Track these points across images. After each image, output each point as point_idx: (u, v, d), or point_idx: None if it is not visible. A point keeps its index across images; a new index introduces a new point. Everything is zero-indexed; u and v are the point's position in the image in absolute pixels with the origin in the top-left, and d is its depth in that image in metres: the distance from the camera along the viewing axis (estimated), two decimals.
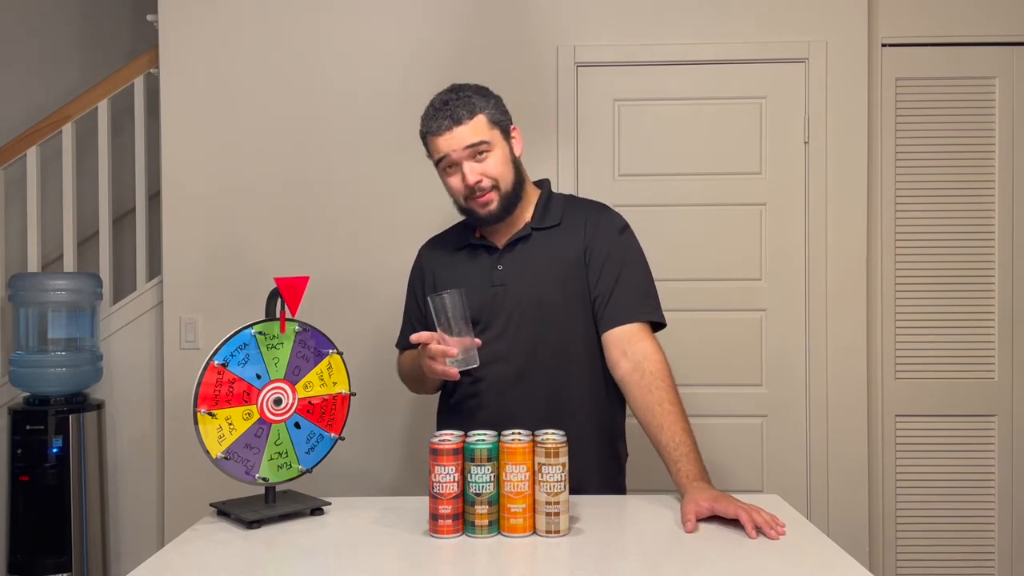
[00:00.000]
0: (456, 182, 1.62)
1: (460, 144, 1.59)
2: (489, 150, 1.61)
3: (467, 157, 1.60)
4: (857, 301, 2.58)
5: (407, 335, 1.77)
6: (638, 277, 1.68)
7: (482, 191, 1.60)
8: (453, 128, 1.59)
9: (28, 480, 2.49)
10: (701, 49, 2.59)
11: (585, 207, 1.77)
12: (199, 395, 1.39)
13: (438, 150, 1.62)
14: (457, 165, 1.61)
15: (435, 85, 1.75)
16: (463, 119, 1.60)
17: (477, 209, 1.63)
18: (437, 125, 1.61)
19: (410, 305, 1.81)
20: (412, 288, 1.81)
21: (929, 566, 2.60)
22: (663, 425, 1.55)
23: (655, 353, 1.61)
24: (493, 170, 1.61)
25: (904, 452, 2.61)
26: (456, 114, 1.60)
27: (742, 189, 2.59)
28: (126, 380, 2.71)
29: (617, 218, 1.73)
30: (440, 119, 1.61)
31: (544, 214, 1.69)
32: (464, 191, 1.61)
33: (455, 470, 1.33)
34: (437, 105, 1.64)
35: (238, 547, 1.32)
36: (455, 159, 1.60)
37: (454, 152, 1.60)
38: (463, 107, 1.61)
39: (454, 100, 1.62)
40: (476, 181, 1.59)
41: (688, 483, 1.47)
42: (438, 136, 1.61)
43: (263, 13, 2.62)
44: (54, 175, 2.84)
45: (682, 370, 2.57)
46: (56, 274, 2.65)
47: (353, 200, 2.61)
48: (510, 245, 1.67)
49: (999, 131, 2.60)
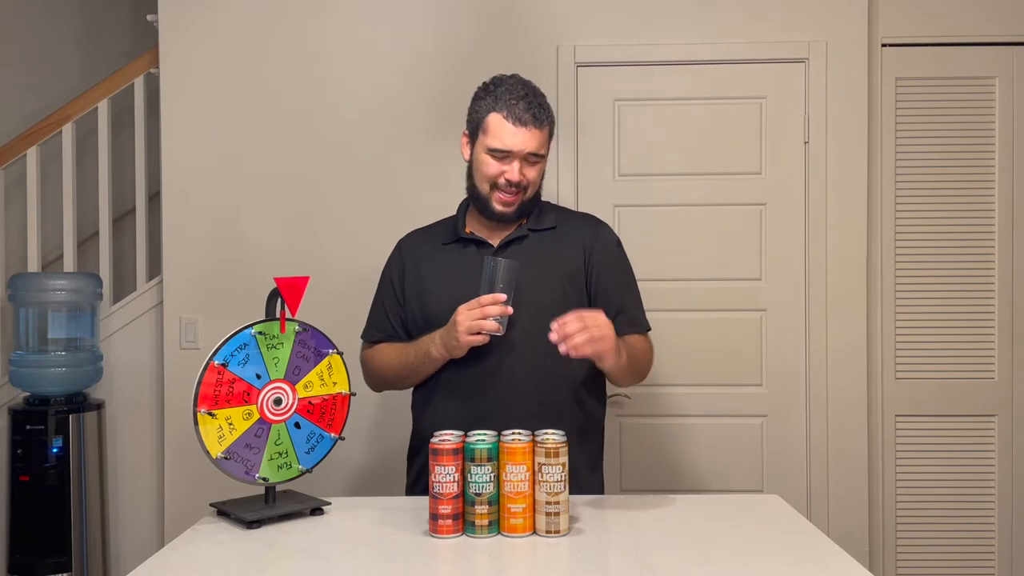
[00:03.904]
0: (495, 170, 1.63)
1: (529, 147, 1.62)
2: (540, 162, 1.66)
3: (524, 159, 1.63)
4: (857, 301, 2.58)
5: (379, 326, 1.77)
6: (636, 290, 1.76)
7: (516, 190, 1.63)
8: (532, 128, 1.61)
9: (28, 480, 2.49)
10: (701, 49, 2.59)
11: (581, 217, 1.84)
12: (199, 395, 1.39)
13: (503, 140, 1.61)
14: (509, 158, 1.62)
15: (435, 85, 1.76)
16: (543, 123, 1.63)
17: (496, 204, 1.65)
18: (518, 114, 1.61)
19: (385, 294, 1.78)
20: (388, 278, 1.79)
21: (929, 566, 2.60)
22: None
23: (649, 354, 1.74)
24: (534, 177, 1.66)
25: (904, 452, 2.61)
26: (538, 115, 1.62)
27: (742, 189, 2.59)
28: (126, 380, 2.71)
29: (612, 232, 1.81)
30: (522, 110, 1.61)
31: (539, 218, 1.73)
32: (500, 182, 1.63)
33: (455, 470, 1.33)
34: (517, 92, 1.63)
35: (238, 547, 1.33)
36: (515, 156, 1.62)
37: (519, 151, 1.61)
38: (543, 111, 1.64)
39: (533, 98, 1.64)
40: (519, 180, 1.62)
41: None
42: (514, 126, 1.61)
43: (263, 13, 2.62)
44: (54, 175, 2.83)
45: (682, 370, 2.59)
46: (56, 274, 2.65)
47: (353, 200, 2.61)
48: (505, 244, 1.69)
49: (999, 131, 2.60)
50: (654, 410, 2.60)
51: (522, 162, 1.62)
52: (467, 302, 1.53)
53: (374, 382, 1.80)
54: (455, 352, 1.57)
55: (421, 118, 2.58)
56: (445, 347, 1.57)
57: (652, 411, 2.60)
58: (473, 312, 1.51)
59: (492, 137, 1.62)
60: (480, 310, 1.50)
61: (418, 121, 2.58)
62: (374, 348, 1.78)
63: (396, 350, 1.72)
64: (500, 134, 1.61)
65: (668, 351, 2.51)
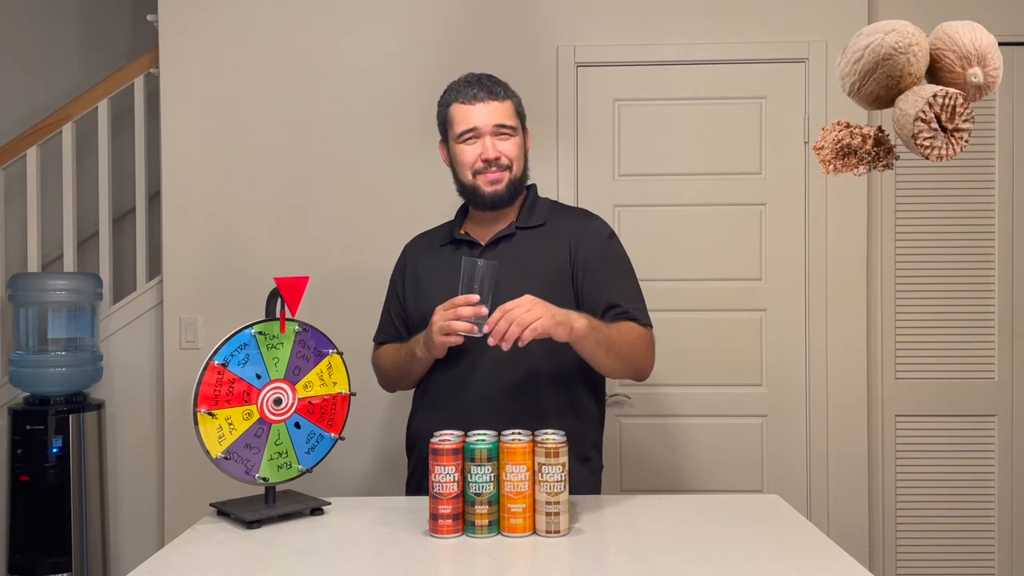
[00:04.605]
0: (472, 153, 1.64)
1: (492, 119, 1.63)
2: (512, 135, 1.66)
3: (492, 133, 1.63)
4: (857, 301, 2.58)
5: (385, 329, 1.82)
6: (632, 283, 1.71)
7: (498, 167, 1.64)
8: (488, 101, 1.63)
9: (28, 480, 2.49)
10: (701, 49, 2.59)
11: (571, 213, 1.82)
12: (199, 395, 1.39)
13: (467, 120, 1.63)
14: (478, 138, 1.63)
15: (435, 85, 1.75)
16: (499, 96, 1.65)
17: (484, 186, 1.65)
18: (472, 94, 1.63)
19: (391, 299, 1.83)
20: (393, 281, 1.83)
21: (929, 566, 2.60)
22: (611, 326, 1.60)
23: (642, 340, 1.68)
24: (511, 152, 1.66)
25: (904, 452, 2.61)
26: (493, 89, 1.65)
27: (742, 189, 2.59)
28: (126, 380, 2.71)
29: (604, 225, 1.77)
30: (475, 90, 1.64)
31: (529, 214, 1.72)
32: (479, 165, 1.64)
33: (455, 470, 1.33)
34: (469, 80, 1.67)
35: (238, 547, 1.33)
36: (482, 132, 1.63)
37: (483, 125, 1.63)
38: (498, 86, 1.67)
39: (485, 79, 1.67)
40: (495, 156, 1.63)
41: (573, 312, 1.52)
42: (470, 104, 1.63)
43: (263, 13, 2.62)
44: (54, 175, 2.83)
45: (682, 370, 2.59)
46: (56, 274, 2.65)
47: (354, 199, 2.61)
48: (493, 243, 1.69)
49: (999, 131, 2.60)
50: (654, 410, 2.60)
51: (493, 138, 1.63)
52: (443, 303, 1.53)
53: (384, 383, 1.85)
54: (435, 352, 1.59)
55: (421, 118, 2.56)
56: (427, 347, 1.59)
57: (652, 411, 2.60)
58: (446, 313, 1.51)
59: (456, 123, 1.65)
60: (453, 311, 1.50)
61: (418, 121, 2.58)
62: (380, 350, 1.83)
63: (393, 351, 1.76)
64: (461, 117, 1.64)
65: (668, 351, 2.50)
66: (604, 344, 1.54)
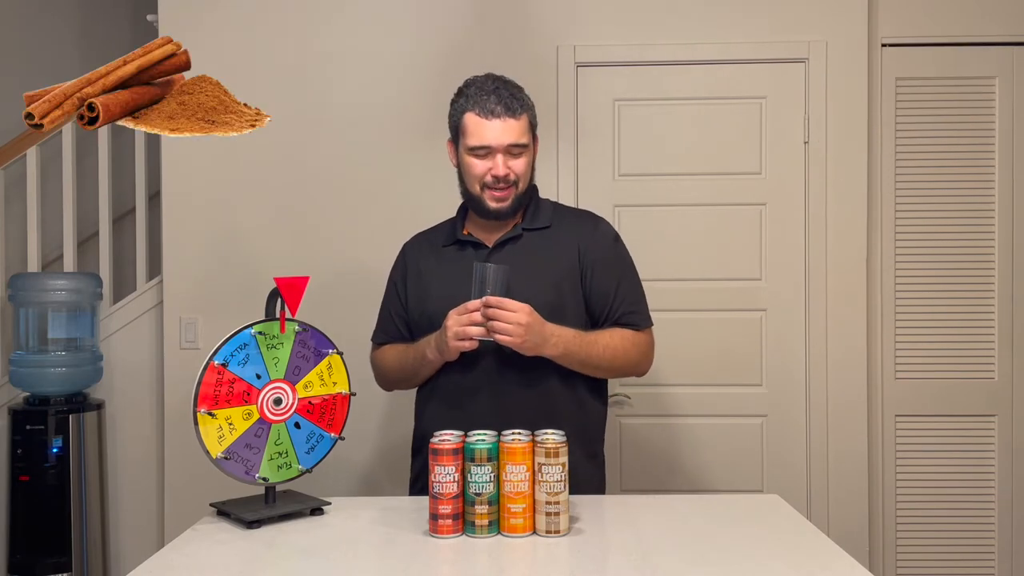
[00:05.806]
0: (482, 167, 1.62)
1: (506, 139, 1.61)
2: (523, 153, 1.64)
3: (504, 152, 1.61)
4: (857, 301, 2.58)
5: (385, 329, 1.81)
6: (635, 286, 1.73)
7: (506, 184, 1.62)
8: (506, 119, 1.60)
9: (28, 480, 2.49)
10: (701, 49, 2.59)
11: (576, 214, 1.82)
12: (199, 395, 1.39)
13: (481, 136, 1.61)
14: (491, 153, 1.62)
15: (435, 85, 1.76)
16: (517, 113, 1.62)
17: (490, 201, 1.64)
18: (489, 108, 1.60)
19: (391, 299, 1.81)
20: (393, 282, 1.82)
21: (929, 566, 2.60)
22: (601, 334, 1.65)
23: (638, 348, 1.71)
24: (520, 169, 1.64)
25: (904, 452, 2.61)
26: (510, 105, 1.61)
27: (742, 189, 2.59)
28: (126, 380, 2.71)
29: (610, 228, 1.77)
30: (493, 103, 1.60)
31: (534, 216, 1.72)
32: (487, 179, 1.63)
33: (455, 470, 1.33)
34: (487, 87, 1.63)
35: (238, 547, 1.33)
36: (495, 150, 1.61)
37: (497, 144, 1.61)
38: (516, 100, 1.63)
39: (504, 90, 1.63)
40: (505, 174, 1.61)
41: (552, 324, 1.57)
42: (487, 120, 1.60)
43: (263, 14, 2.62)
44: (54, 175, 2.83)
45: (682, 370, 2.59)
46: (56, 274, 2.65)
47: (354, 200, 2.61)
48: (500, 244, 1.68)
49: (999, 131, 2.60)
50: (654, 410, 2.60)
51: (505, 155, 1.61)
52: (457, 307, 1.53)
53: (383, 383, 1.84)
54: (447, 356, 1.58)
55: (421, 119, 2.57)
56: (439, 351, 1.58)
57: (652, 411, 2.60)
58: (461, 318, 1.51)
59: (470, 136, 1.62)
60: (468, 316, 1.50)
61: (418, 122, 2.58)
62: (381, 350, 1.81)
63: (398, 352, 1.75)
64: (476, 131, 1.61)
65: (668, 351, 2.50)
66: (580, 363, 1.61)
